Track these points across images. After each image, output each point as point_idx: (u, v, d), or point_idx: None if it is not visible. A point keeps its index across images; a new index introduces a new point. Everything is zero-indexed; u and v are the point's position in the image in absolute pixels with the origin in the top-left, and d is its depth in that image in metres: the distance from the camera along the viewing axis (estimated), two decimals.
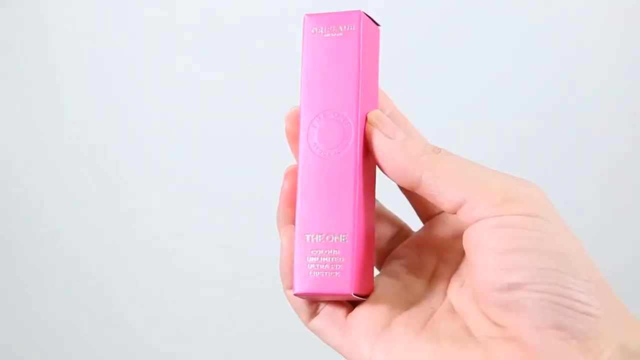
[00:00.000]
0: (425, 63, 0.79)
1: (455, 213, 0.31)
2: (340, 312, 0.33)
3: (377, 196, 0.36)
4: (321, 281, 0.32)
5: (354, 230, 0.32)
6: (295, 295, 0.33)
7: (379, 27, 0.35)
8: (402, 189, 0.37)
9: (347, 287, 0.32)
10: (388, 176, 0.33)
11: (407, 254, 0.36)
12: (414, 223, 0.38)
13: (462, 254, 0.34)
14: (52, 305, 0.86)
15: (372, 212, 0.34)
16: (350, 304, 0.34)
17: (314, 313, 0.34)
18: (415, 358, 0.30)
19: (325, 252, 0.32)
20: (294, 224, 0.33)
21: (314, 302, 0.34)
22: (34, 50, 0.87)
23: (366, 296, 0.33)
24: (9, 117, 0.88)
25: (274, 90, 0.80)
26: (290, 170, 0.34)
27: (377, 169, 0.34)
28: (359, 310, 0.33)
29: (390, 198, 0.37)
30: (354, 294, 0.32)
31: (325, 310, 0.34)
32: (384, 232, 0.37)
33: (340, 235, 0.32)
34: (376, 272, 0.36)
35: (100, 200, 0.86)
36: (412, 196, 0.37)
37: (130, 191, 0.86)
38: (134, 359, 0.86)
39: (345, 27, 0.33)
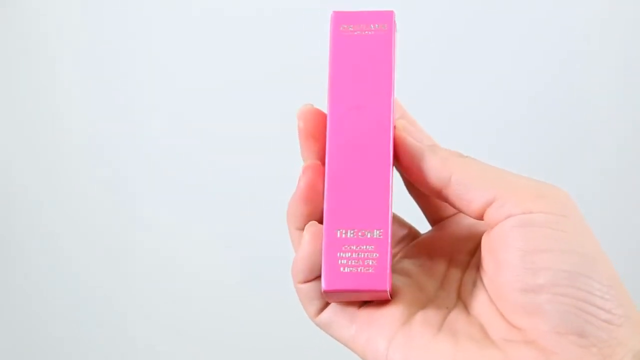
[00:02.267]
0: (424, 64, 0.79)
1: (480, 215, 0.31)
2: (352, 305, 0.33)
3: None
4: (355, 277, 0.31)
5: (389, 226, 0.32)
6: (325, 292, 0.32)
7: (397, 32, 0.35)
8: (413, 193, 0.37)
9: (383, 283, 0.31)
10: (415, 180, 0.33)
11: (418, 254, 0.36)
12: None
13: (473, 255, 0.35)
14: (52, 305, 0.86)
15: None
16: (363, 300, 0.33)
17: (323, 307, 0.33)
18: (434, 357, 0.30)
19: (359, 247, 0.32)
20: (313, 219, 0.33)
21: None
22: (34, 50, 0.87)
23: (391, 295, 0.33)
24: (9, 117, 0.88)
25: (275, 90, 0.80)
26: (308, 166, 0.33)
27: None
28: (377, 305, 0.33)
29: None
30: (388, 292, 0.31)
31: (335, 303, 0.33)
32: (393, 233, 0.37)
33: (375, 231, 0.32)
34: None
35: (100, 199, 0.86)
36: (424, 199, 0.37)
37: (131, 190, 0.86)
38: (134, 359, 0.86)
39: (376, 25, 0.34)
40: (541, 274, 0.29)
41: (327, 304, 0.33)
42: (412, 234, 0.38)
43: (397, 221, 0.38)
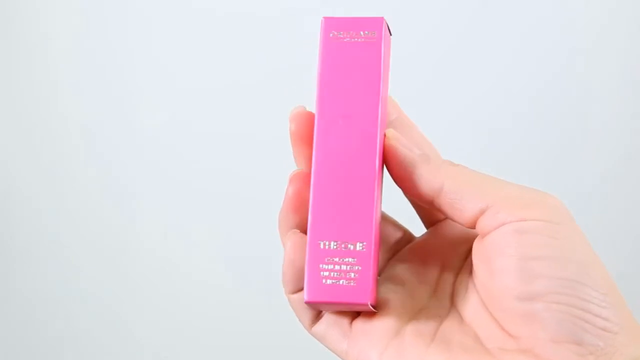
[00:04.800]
0: (423, 64, 0.79)
1: (473, 224, 0.31)
2: (344, 318, 0.33)
3: None
4: (336, 290, 0.31)
5: (373, 238, 0.31)
6: (306, 303, 0.32)
7: (391, 36, 0.35)
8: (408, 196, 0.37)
9: (365, 296, 0.31)
10: (406, 189, 0.33)
11: (411, 258, 0.36)
12: (413, 230, 0.38)
13: (465, 258, 0.34)
14: (52, 305, 0.86)
15: (380, 221, 0.34)
16: (354, 312, 0.33)
17: (316, 318, 0.33)
18: None
19: (342, 259, 0.31)
20: (298, 228, 0.33)
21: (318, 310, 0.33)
22: (34, 50, 0.87)
23: (375, 307, 0.32)
24: (9, 117, 0.88)
25: (275, 91, 0.80)
26: (295, 175, 0.33)
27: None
28: (368, 317, 0.32)
29: (388, 204, 0.37)
30: (370, 305, 0.31)
31: (328, 315, 0.33)
32: (387, 236, 0.37)
33: (358, 244, 0.31)
34: None
35: (100, 199, 0.86)
36: (417, 203, 0.37)
37: (131, 190, 0.86)
38: None
39: (366, 32, 0.33)
40: (537, 281, 0.28)
41: (319, 315, 0.33)
42: (406, 238, 0.37)
43: (392, 224, 0.37)
